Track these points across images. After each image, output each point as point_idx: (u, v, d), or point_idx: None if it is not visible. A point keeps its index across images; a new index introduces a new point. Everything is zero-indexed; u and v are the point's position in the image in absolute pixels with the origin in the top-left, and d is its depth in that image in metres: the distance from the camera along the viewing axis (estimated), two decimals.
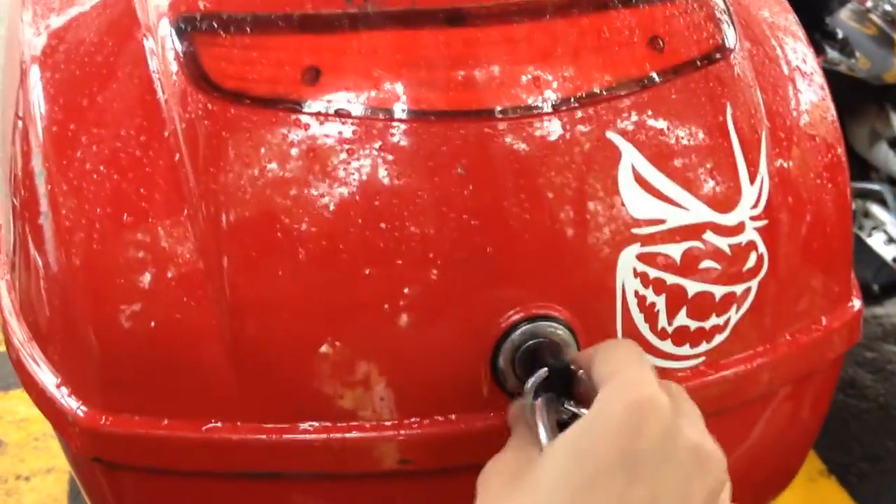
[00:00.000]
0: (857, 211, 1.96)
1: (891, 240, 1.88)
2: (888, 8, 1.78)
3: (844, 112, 1.95)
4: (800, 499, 1.60)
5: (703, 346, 0.76)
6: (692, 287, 0.73)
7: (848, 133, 1.98)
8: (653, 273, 0.72)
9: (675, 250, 0.72)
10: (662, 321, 0.73)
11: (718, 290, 0.74)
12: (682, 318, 0.74)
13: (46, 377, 0.77)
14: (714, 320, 0.75)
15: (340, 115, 0.69)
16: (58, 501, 1.63)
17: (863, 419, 1.79)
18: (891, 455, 1.69)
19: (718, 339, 0.76)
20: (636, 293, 0.72)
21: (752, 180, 0.75)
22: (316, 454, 0.71)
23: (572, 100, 0.71)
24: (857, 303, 0.86)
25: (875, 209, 1.93)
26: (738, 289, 0.75)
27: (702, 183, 0.73)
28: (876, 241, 1.89)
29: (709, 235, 0.73)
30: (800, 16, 0.91)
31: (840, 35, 1.85)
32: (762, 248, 0.76)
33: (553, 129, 0.70)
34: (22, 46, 0.80)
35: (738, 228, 0.75)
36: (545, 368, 0.63)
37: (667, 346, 0.74)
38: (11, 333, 0.83)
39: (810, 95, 0.84)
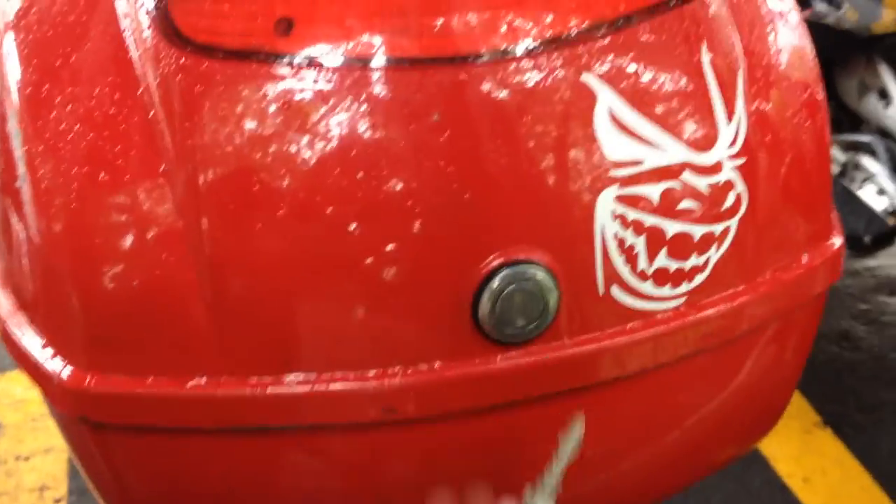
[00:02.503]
0: (848, 163, 1.94)
1: (881, 191, 1.87)
2: None
3: (833, 64, 1.94)
4: (796, 450, 1.61)
5: (684, 287, 0.76)
6: (671, 227, 0.73)
7: (837, 85, 1.97)
8: (631, 214, 0.72)
9: (653, 191, 0.72)
10: (643, 263, 0.73)
11: (698, 230, 0.74)
12: (662, 259, 0.74)
13: (31, 341, 0.77)
14: (694, 260, 0.75)
15: (314, 65, 0.68)
16: (57, 480, 1.63)
17: (857, 371, 1.79)
18: (885, 406, 1.69)
19: (699, 279, 0.76)
20: (615, 235, 0.72)
21: (728, 119, 0.75)
22: (301, 406, 0.71)
23: (546, 43, 0.70)
24: (837, 240, 0.86)
25: (865, 161, 1.92)
26: (718, 228, 0.75)
27: (678, 123, 0.73)
28: (867, 193, 1.88)
29: (687, 175, 0.73)
30: None
31: None
32: (741, 187, 0.76)
33: (527, 73, 0.70)
34: None
35: (716, 168, 0.74)
36: None
37: (647, 287, 0.74)
38: None
39: (788, 35, 0.84)
